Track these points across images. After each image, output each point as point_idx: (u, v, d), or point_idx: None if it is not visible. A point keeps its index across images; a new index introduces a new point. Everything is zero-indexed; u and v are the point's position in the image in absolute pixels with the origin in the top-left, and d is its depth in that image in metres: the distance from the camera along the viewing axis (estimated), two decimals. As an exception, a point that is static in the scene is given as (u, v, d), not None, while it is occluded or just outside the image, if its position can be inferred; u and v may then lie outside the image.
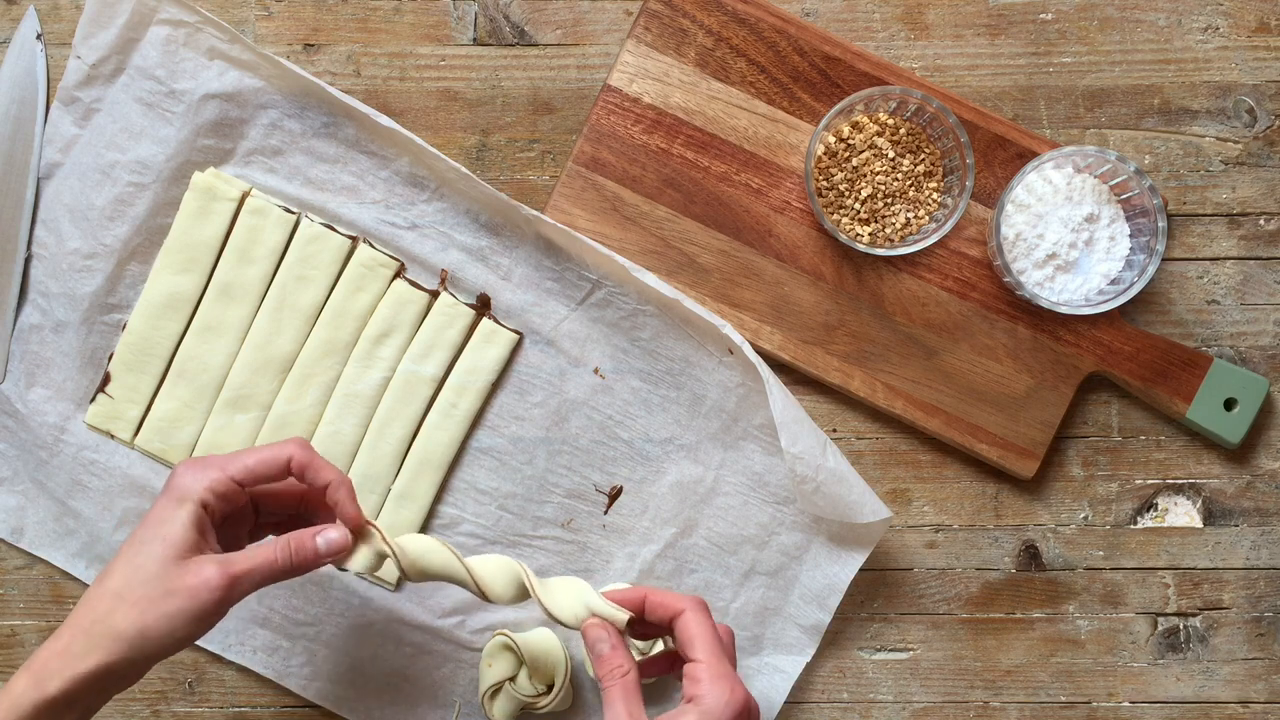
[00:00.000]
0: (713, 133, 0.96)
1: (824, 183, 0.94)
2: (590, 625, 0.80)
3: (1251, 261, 0.97)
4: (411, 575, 0.82)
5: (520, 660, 0.93)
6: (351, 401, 0.95)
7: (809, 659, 0.96)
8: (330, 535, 0.79)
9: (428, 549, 0.82)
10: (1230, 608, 0.98)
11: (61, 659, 0.74)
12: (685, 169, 0.96)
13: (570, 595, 0.82)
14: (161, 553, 0.76)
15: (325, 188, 0.96)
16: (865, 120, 0.94)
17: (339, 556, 0.80)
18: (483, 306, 0.96)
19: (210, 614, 0.76)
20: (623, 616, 0.80)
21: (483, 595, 0.82)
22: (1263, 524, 0.98)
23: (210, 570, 0.76)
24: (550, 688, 0.93)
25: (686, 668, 0.78)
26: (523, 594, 0.83)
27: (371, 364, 0.95)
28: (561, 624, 0.81)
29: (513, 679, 0.93)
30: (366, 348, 0.95)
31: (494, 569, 0.83)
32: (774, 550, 0.96)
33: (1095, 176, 0.93)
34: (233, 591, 0.76)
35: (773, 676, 0.96)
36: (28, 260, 0.96)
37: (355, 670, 0.96)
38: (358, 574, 0.85)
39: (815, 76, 0.95)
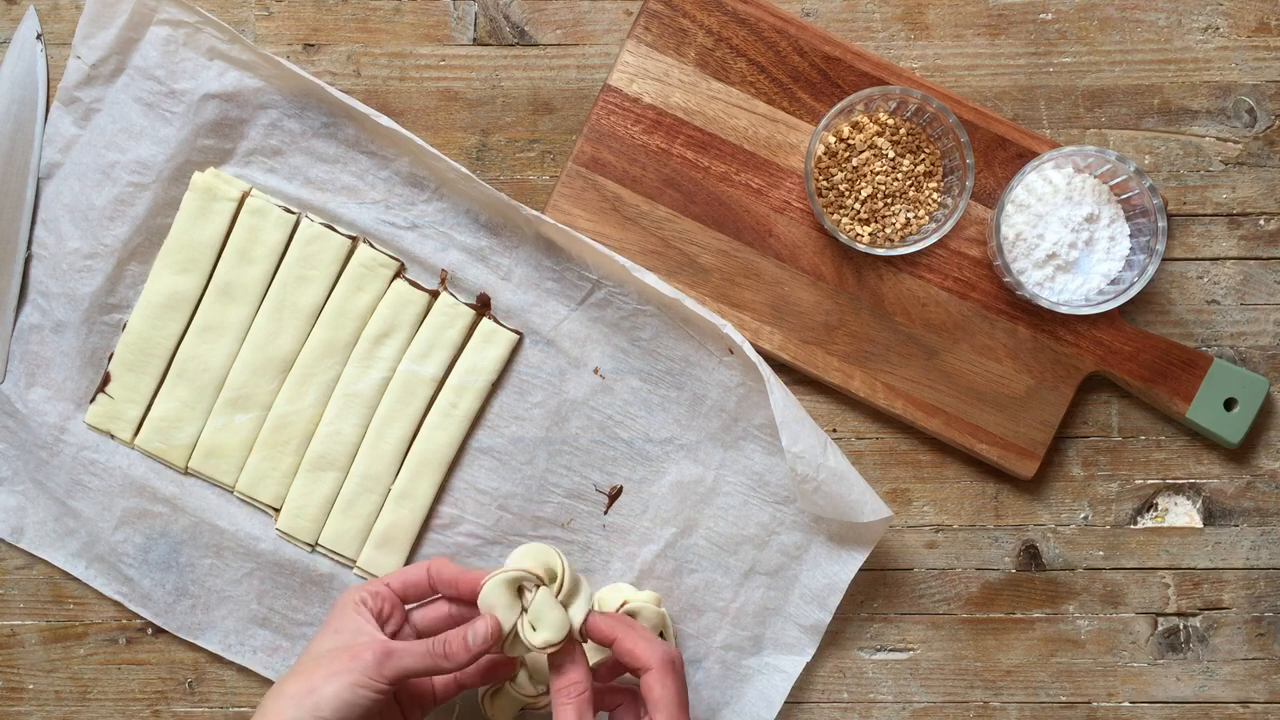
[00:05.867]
0: (713, 133, 0.96)
1: (824, 183, 0.94)
2: (568, 645, 0.82)
3: (1251, 261, 0.97)
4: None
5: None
6: (351, 401, 0.95)
7: (809, 659, 0.96)
8: (477, 628, 0.81)
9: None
10: (1230, 608, 0.98)
11: None
12: (685, 169, 0.96)
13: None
14: (329, 639, 0.83)
15: (325, 188, 0.96)
16: (865, 120, 0.94)
17: (492, 643, 0.82)
18: (483, 306, 0.96)
19: (367, 680, 0.79)
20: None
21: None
22: (1263, 524, 0.98)
23: (365, 645, 0.81)
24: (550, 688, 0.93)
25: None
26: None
27: (371, 364, 0.95)
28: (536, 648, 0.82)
29: (512, 679, 0.93)
30: (366, 348, 0.95)
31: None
32: (774, 550, 0.96)
33: (1095, 176, 0.93)
34: (386, 663, 0.79)
35: (773, 676, 0.96)
36: (28, 260, 0.96)
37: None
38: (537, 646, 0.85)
39: (815, 76, 0.95)
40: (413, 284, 0.95)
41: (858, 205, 0.94)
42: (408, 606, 0.87)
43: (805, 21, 0.95)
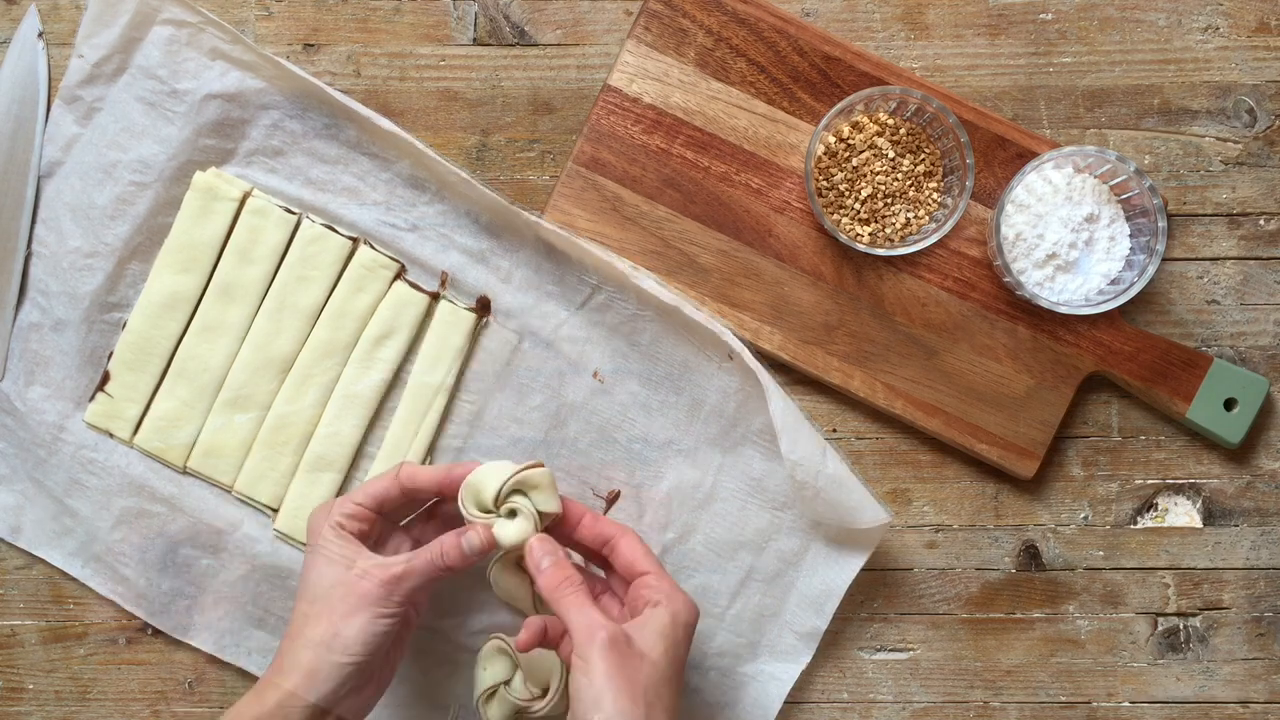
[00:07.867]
0: (713, 133, 0.96)
1: (824, 183, 0.94)
2: (537, 540, 0.85)
3: (1251, 261, 0.97)
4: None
5: (515, 664, 0.93)
6: (351, 402, 0.95)
7: (804, 665, 0.96)
8: (470, 538, 0.85)
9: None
10: (1230, 608, 0.97)
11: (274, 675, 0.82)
12: (685, 169, 0.96)
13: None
14: (325, 570, 0.85)
15: (326, 188, 0.96)
16: (865, 120, 0.94)
17: (487, 549, 0.86)
18: (483, 309, 0.96)
19: (383, 610, 0.83)
20: (555, 510, 0.87)
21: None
22: (1263, 524, 0.97)
23: (371, 577, 0.84)
24: (545, 692, 0.93)
25: (636, 581, 0.85)
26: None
27: (371, 365, 0.95)
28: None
29: (507, 683, 0.93)
30: (366, 349, 0.95)
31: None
32: (771, 555, 0.96)
33: (1095, 176, 0.93)
34: (396, 588, 0.83)
35: (767, 684, 0.96)
36: (28, 258, 0.96)
37: (353, 670, 0.96)
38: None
39: (815, 76, 0.95)
40: (413, 285, 0.95)
41: (858, 205, 0.94)
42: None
43: (805, 21, 0.95)
